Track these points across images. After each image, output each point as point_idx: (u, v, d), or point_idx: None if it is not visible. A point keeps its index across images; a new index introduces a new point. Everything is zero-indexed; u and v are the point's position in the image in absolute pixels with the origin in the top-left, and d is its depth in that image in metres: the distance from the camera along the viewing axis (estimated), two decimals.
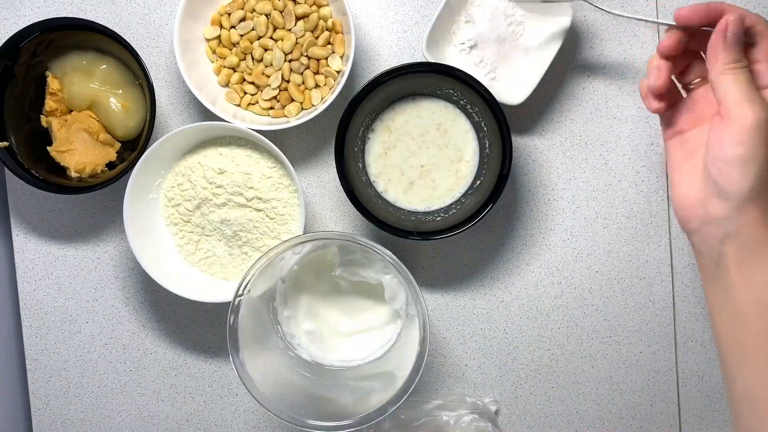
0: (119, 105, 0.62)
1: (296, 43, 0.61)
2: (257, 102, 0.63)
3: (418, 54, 0.64)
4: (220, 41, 0.62)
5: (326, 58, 0.61)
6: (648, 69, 0.47)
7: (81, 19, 0.59)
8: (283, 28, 0.61)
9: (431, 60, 0.59)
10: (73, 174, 0.62)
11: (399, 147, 0.62)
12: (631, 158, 0.64)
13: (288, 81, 0.62)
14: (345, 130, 0.57)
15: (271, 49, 0.61)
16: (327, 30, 0.61)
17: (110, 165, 0.63)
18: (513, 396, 0.67)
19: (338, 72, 0.61)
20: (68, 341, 0.67)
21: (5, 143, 0.60)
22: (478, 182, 0.61)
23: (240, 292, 0.54)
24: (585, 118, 0.64)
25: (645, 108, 0.64)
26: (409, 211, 0.62)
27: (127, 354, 0.67)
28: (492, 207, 0.57)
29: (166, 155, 0.60)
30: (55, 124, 0.62)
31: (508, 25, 0.61)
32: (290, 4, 0.61)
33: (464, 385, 0.67)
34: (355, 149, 0.60)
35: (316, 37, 0.61)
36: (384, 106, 0.61)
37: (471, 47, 0.61)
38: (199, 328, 0.67)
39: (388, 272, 0.60)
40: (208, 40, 0.63)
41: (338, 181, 0.58)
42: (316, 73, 0.62)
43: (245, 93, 0.63)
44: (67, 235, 0.66)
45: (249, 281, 0.55)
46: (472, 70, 0.61)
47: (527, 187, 0.65)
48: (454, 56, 0.62)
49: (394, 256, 0.54)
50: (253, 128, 0.58)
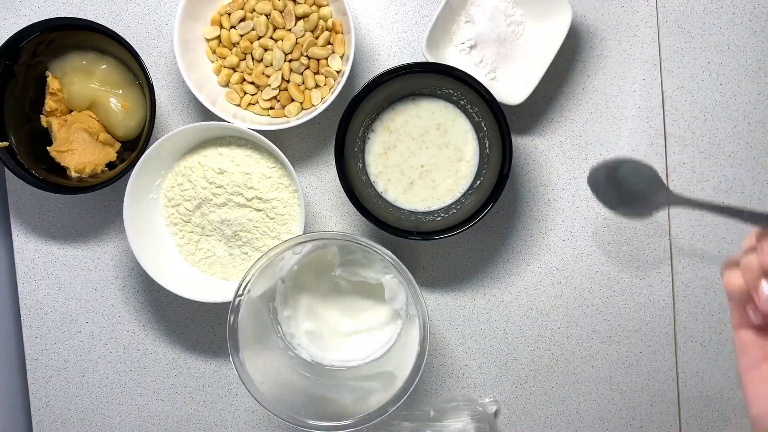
0: (119, 105, 0.62)
1: (296, 43, 0.61)
2: (257, 102, 0.63)
3: (418, 54, 0.64)
4: (220, 41, 0.62)
5: (326, 58, 0.61)
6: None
7: (81, 19, 0.59)
8: (283, 28, 0.61)
9: (431, 60, 0.59)
10: (73, 174, 0.62)
11: (399, 147, 0.62)
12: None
13: (288, 81, 0.62)
14: (345, 130, 0.57)
15: (271, 49, 0.61)
16: (327, 30, 0.61)
17: (110, 165, 0.63)
18: (513, 396, 0.67)
19: (338, 72, 0.61)
20: (68, 341, 0.67)
21: (5, 143, 0.60)
22: (478, 182, 0.61)
23: (240, 292, 0.54)
24: (585, 118, 0.64)
25: (644, 108, 0.64)
26: (409, 211, 0.62)
27: (127, 354, 0.67)
28: (492, 207, 0.57)
29: (166, 155, 0.60)
30: (55, 124, 0.62)
31: (508, 25, 0.61)
32: (290, 4, 0.61)
33: (464, 385, 0.67)
34: (355, 149, 0.60)
35: (316, 37, 0.61)
36: (384, 106, 0.61)
37: (471, 47, 0.61)
38: (199, 328, 0.67)
39: (388, 272, 0.60)
40: (208, 40, 0.63)
41: (338, 181, 0.58)
42: (316, 73, 0.62)
43: (245, 93, 0.63)
44: (67, 235, 0.66)
45: (249, 281, 0.55)
46: (472, 70, 0.61)
47: (527, 187, 0.65)
48: (454, 56, 0.62)
49: (394, 256, 0.54)
50: (253, 128, 0.58)
